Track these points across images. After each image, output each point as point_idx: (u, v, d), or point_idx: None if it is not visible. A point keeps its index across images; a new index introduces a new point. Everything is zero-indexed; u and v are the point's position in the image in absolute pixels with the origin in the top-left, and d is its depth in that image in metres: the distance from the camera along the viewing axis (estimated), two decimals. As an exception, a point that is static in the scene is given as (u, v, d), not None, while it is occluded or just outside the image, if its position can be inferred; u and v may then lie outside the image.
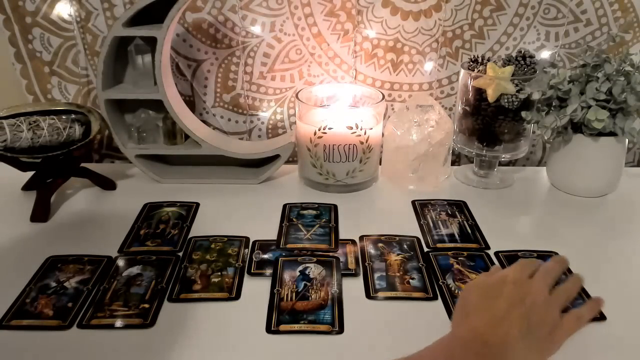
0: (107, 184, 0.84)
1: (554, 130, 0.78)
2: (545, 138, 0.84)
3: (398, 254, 0.67)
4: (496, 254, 0.67)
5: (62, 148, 0.77)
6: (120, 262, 0.65)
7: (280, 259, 0.65)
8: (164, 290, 0.59)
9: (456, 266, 0.65)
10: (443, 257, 0.66)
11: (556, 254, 0.67)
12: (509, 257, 0.66)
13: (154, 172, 0.86)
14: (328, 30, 0.89)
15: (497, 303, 0.47)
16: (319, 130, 0.79)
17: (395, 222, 0.75)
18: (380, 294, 0.60)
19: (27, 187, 0.82)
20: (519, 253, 0.67)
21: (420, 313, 0.57)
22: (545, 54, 0.91)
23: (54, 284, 0.60)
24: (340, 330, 0.54)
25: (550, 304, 0.48)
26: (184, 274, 0.63)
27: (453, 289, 0.60)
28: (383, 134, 0.85)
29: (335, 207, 0.78)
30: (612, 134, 0.77)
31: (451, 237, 0.71)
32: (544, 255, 0.67)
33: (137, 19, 0.76)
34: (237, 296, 0.59)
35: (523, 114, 0.79)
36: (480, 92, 0.80)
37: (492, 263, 0.65)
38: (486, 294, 0.49)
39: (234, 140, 0.95)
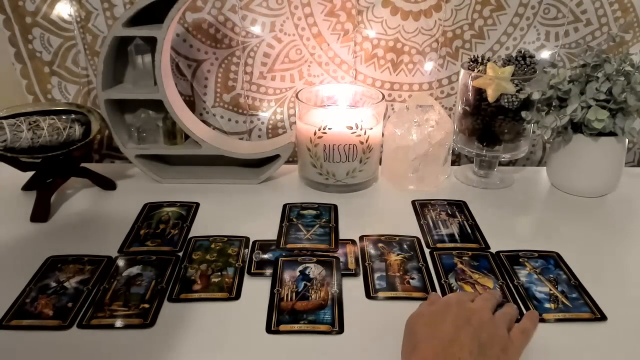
0: (107, 184, 0.84)
1: (554, 130, 0.78)
2: (545, 138, 0.84)
3: (398, 254, 0.67)
4: (497, 254, 0.67)
5: (62, 148, 0.77)
6: (120, 262, 0.64)
7: (280, 259, 0.65)
8: (164, 290, 0.59)
9: (460, 265, 0.65)
10: (447, 257, 0.66)
11: (557, 254, 0.67)
12: (510, 258, 0.66)
13: (154, 172, 0.85)
14: (328, 30, 0.89)
15: (444, 327, 0.46)
16: (319, 130, 0.79)
17: (395, 222, 0.75)
18: (380, 294, 0.59)
19: (27, 187, 0.82)
20: (520, 253, 0.67)
21: (420, 313, 0.57)
22: (545, 54, 0.91)
23: (54, 284, 0.60)
24: (340, 330, 0.54)
25: (497, 323, 0.48)
26: (184, 274, 0.63)
27: (455, 288, 0.60)
28: (383, 134, 0.85)
29: (335, 207, 0.78)
30: (612, 134, 0.77)
31: (451, 237, 0.71)
32: (544, 255, 0.67)
33: (137, 19, 0.76)
34: (237, 296, 0.59)
35: (523, 114, 0.79)
36: (480, 92, 0.80)
37: (496, 263, 0.65)
38: (431, 321, 0.48)
39: (234, 140, 0.95)
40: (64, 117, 0.78)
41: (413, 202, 0.80)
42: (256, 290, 0.60)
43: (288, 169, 0.89)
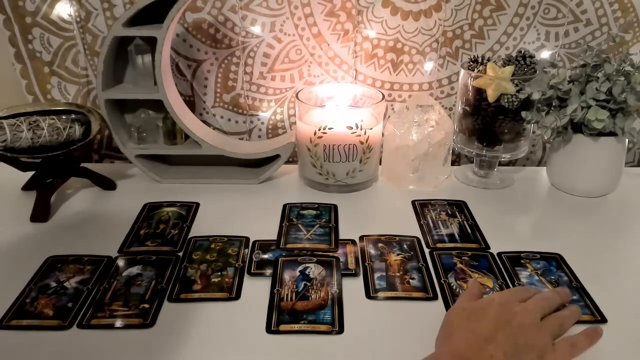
0: (107, 184, 0.84)
1: (554, 130, 0.78)
2: (545, 138, 0.84)
3: (398, 254, 0.67)
4: (499, 255, 0.67)
5: (62, 148, 0.77)
6: (120, 262, 0.65)
7: (280, 259, 0.65)
8: (164, 290, 0.59)
9: (459, 265, 0.65)
10: (446, 257, 0.66)
11: (559, 255, 0.67)
12: (512, 259, 0.66)
13: (154, 172, 0.85)
14: (328, 30, 0.89)
15: (482, 324, 0.45)
16: (319, 130, 0.79)
17: (395, 222, 0.75)
18: (380, 294, 0.59)
19: (27, 187, 0.82)
20: (522, 254, 0.67)
21: (420, 313, 0.57)
22: (545, 54, 0.91)
23: (54, 284, 0.60)
24: (340, 330, 0.54)
25: (540, 328, 0.47)
26: (184, 274, 0.63)
27: (455, 287, 0.60)
28: (383, 134, 0.85)
29: (335, 207, 0.78)
30: (612, 134, 0.77)
31: (451, 237, 0.71)
32: (546, 257, 0.67)
33: (137, 19, 0.76)
34: (237, 296, 0.59)
35: (523, 114, 0.79)
36: (480, 92, 0.80)
37: (496, 263, 0.65)
38: (471, 316, 0.47)
39: (234, 140, 0.95)
40: (64, 117, 0.78)
41: (413, 202, 0.80)
42: (256, 290, 0.60)
43: (288, 169, 0.89)
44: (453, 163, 0.97)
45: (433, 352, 0.46)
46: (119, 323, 0.54)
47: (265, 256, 0.66)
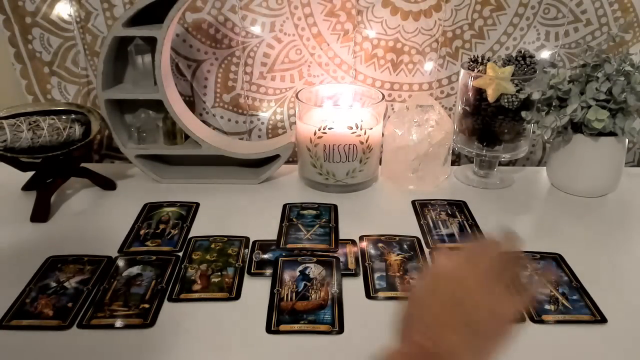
0: (107, 184, 0.84)
1: (554, 130, 0.78)
2: (545, 138, 0.84)
3: (398, 254, 0.67)
4: (497, 254, 0.67)
5: (62, 148, 0.77)
6: (120, 262, 0.65)
7: (280, 259, 0.65)
8: (164, 290, 0.59)
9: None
10: (445, 257, 0.66)
11: (559, 255, 0.67)
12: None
13: (154, 172, 0.85)
14: (328, 30, 0.89)
15: (430, 309, 0.42)
16: (319, 130, 0.79)
17: (395, 222, 0.75)
18: (380, 294, 0.59)
19: (27, 187, 0.82)
20: (522, 254, 0.67)
21: (420, 313, 0.57)
22: (545, 54, 0.91)
23: (54, 284, 0.60)
24: (340, 330, 0.54)
25: (490, 289, 0.42)
26: (184, 274, 0.63)
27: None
28: (383, 134, 0.85)
29: (335, 207, 0.78)
30: (612, 134, 0.77)
31: (451, 237, 0.71)
32: (546, 257, 0.67)
33: (137, 19, 0.76)
34: (237, 296, 0.59)
35: (523, 114, 0.79)
36: (480, 92, 0.80)
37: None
38: (421, 301, 0.44)
39: (234, 140, 0.95)
40: (64, 117, 0.78)
41: (413, 202, 0.80)
42: (256, 290, 0.60)
43: (288, 169, 0.89)
44: (453, 163, 0.97)
45: (394, 347, 0.43)
46: (119, 323, 0.54)
47: (265, 256, 0.66)
